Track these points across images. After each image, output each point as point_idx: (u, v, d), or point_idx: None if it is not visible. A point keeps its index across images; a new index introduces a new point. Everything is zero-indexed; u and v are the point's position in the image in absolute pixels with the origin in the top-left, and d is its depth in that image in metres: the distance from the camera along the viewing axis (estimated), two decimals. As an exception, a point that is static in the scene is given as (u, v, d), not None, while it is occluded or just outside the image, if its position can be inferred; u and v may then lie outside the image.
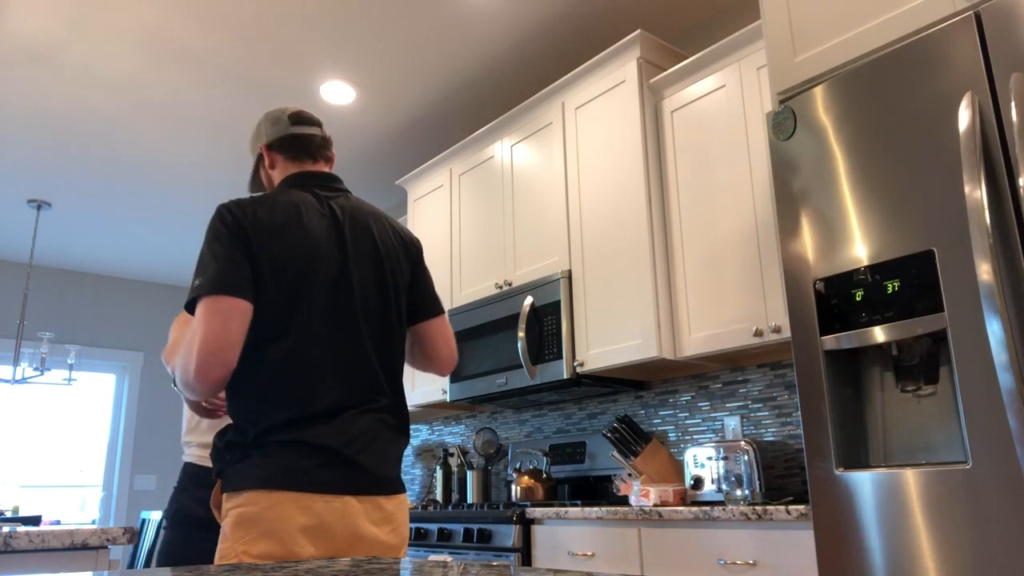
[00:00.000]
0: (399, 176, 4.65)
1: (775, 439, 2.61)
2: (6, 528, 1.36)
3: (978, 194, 1.45)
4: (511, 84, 3.67)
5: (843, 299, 1.70)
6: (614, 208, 2.86)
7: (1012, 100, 1.47)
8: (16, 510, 4.84)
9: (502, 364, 3.14)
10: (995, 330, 1.40)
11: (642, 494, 2.45)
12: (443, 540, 2.90)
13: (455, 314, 3.45)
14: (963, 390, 1.48)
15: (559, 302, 2.95)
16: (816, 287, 1.76)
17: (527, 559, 2.61)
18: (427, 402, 3.67)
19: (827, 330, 1.72)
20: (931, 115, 1.61)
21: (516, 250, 3.29)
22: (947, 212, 1.55)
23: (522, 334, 3.01)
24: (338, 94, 3.69)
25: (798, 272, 1.80)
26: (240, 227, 1.36)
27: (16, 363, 4.69)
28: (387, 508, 1.40)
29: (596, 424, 3.28)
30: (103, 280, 6.21)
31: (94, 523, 6.00)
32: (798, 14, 1.99)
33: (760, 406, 2.69)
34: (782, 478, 2.55)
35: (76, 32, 3.16)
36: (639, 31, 2.87)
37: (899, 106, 1.67)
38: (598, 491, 3.12)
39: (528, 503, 2.85)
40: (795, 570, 1.90)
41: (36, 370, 4.76)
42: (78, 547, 1.36)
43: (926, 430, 1.63)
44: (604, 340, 2.80)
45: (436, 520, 2.97)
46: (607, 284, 2.83)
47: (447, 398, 3.48)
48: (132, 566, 3.66)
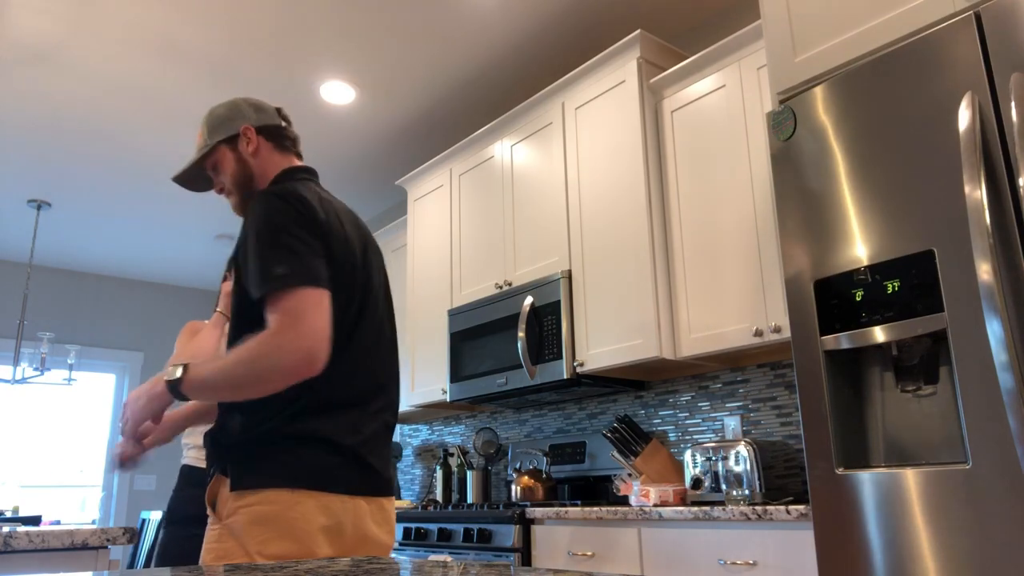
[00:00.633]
0: (399, 176, 4.65)
1: (775, 439, 2.61)
2: (6, 528, 1.36)
3: (978, 194, 1.45)
4: (511, 84, 3.67)
5: (843, 299, 1.70)
6: (614, 208, 2.86)
7: (1012, 100, 1.47)
8: (16, 510, 4.84)
9: (502, 364, 3.14)
10: (995, 330, 1.40)
11: (642, 494, 2.45)
12: (443, 540, 2.90)
13: (455, 314, 3.46)
14: (963, 390, 1.48)
15: (559, 302, 2.95)
16: (816, 287, 1.76)
17: (527, 559, 2.61)
18: (427, 402, 3.68)
19: (827, 330, 1.72)
20: (931, 115, 1.61)
21: (516, 250, 3.29)
22: (947, 212, 1.55)
23: (522, 334, 3.01)
24: (338, 94, 3.69)
25: (798, 272, 1.80)
26: (316, 221, 1.35)
27: (16, 363, 4.69)
28: (387, 509, 1.41)
29: (596, 424, 3.28)
30: (103, 280, 6.21)
31: (94, 523, 6.00)
32: (798, 14, 1.99)
33: (760, 406, 2.69)
34: (782, 478, 2.55)
35: (76, 32, 3.16)
36: (639, 31, 2.87)
37: (899, 106, 1.67)
38: (598, 491, 3.12)
39: (528, 503, 2.85)
40: (795, 570, 1.90)
41: (36, 370, 4.76)
42: (78, 547, 1.36)
43: (926, 430, 1.63)
44: (604, 340, 2.80)
45: (436, 520, 2.97)
46: (607, 284, 2.83)
47: (447, 398, 3.48)
48: (132, 566, 3.66)
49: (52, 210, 4.92)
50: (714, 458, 2.39)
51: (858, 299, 1.67)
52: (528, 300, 3.06)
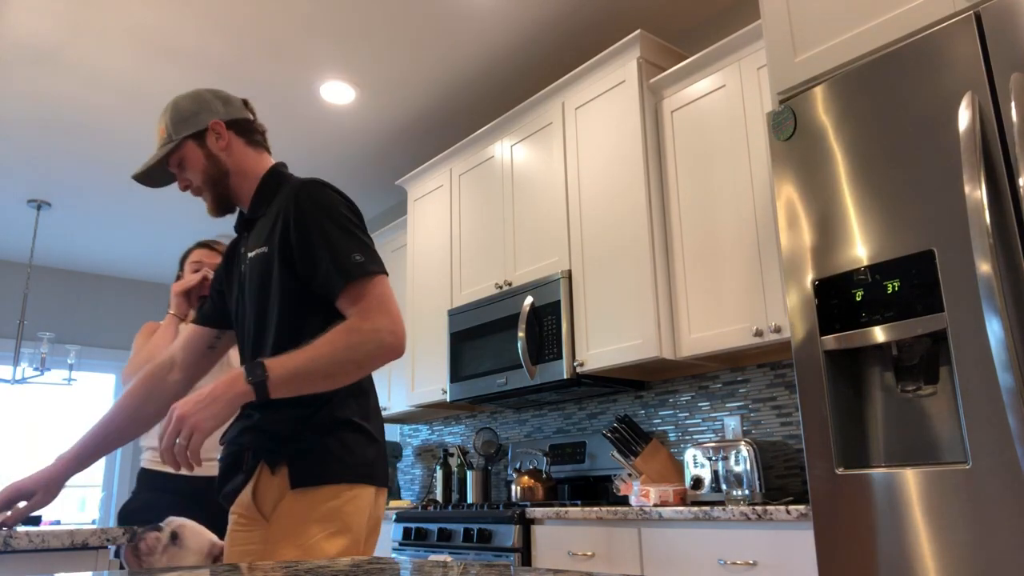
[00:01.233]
0: (399, 176, 4.65)
1: (775, 439, 2.61)
2: (6, 528, 1.36)
3: (978, 194, 1.45)
4: (511, 84, 3.67)
5: (843, 299, 1.70)
6: (614, 208, 2.86)
7: (1012, 100, 1.47)
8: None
9: (502, 364, 3.14)
10: (995, 330, 1.40)
11: (642, 494, 2.45)
12: (443, 540, 2.90)
13: (455, 314, 3.46)
14: (963, 390, 1.48)
15: (559, 302, 2.95)
16: (816, 287, 1.76)
17: (527, 559, 2.61)
18: (427, 402, 3.67)
19: (827, 330, 1.72)
20: (931, 115, 1.61)
21: (516, 250, 3.29)
22: (947, 212, 1.55)
23: (522, 334, 3.00)
24: (338, 94, 3.69)
25: (798, 272, 1.80)
26: (360, 216, 1.43)
27: (16, 363, 4.69)
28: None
29: (596, 424, 3.28)
30: (103, 280, 6.21)
31: (94, 523, 6.00)
32: (798, 14, 1.99)
33: (760, 406, 2.69)
34: (782, 478, 2.55)
35: (76, 32, 3.16)
36: (639, 31, 2.86)
37: (899, 106, 1.67)
38: (598, 491, 3.12)
39: (528, 503, 2.85)
40: (795, 570, 1.90)
41: (36, 370, 4.76)
42: (78, 547, 1.36)
43: (926, 430, 1.63)
44: (604, 340, 2.80)
45: (436, 520, 2.97)
46: (607, 284, 2.83)
47: (447, 398, 3.48)
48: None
49: (52, 210, 4.92)
50: (714, 458, 2.39)
51: (858, 299, 1.67)
52: (528, 300, 3.06)
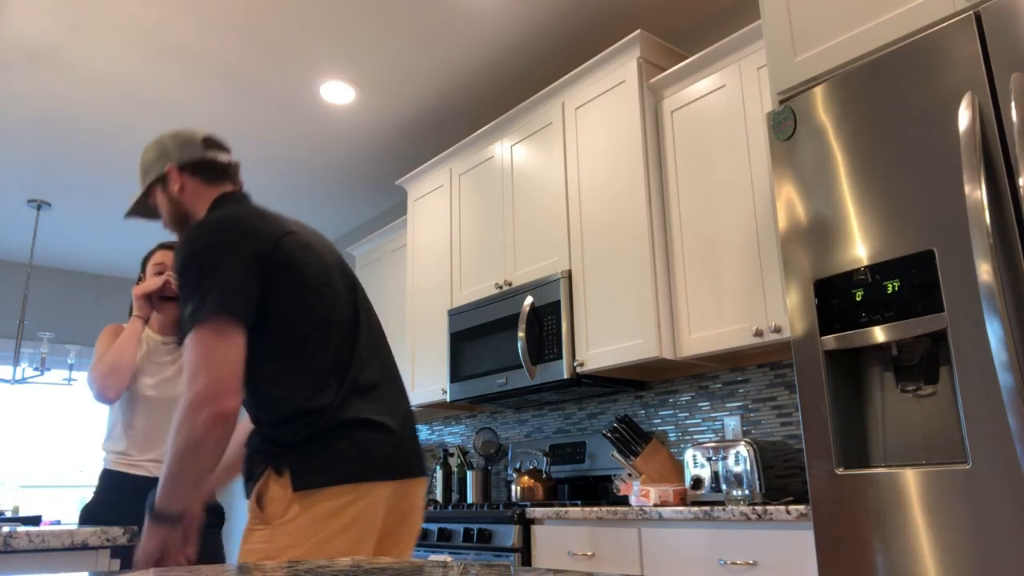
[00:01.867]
0: (399, 176, 4.65)
1: (775, 439, 2.61)
2: (6, 528, 1.36)
3: (978, 194, 1.45)
4: (511, 84, 3.67)
5: (843, 299, 1.70)
6: (614, 208, 2.86)
7: (1012, 100, 1.47)
8: (16, 510, 4.84)
9: (502, 364, 3.14)
10: (995, 330, 1.40)
11: (642, 494, 2.45)
12: (443, 540, 2.90)
13: (455, 314, 3.46)
14: (963, 390, 1.48)
15: (559, 302, 2.95)
16: (816, 287, 1.76)
17: (527, 559, 2.61)
18: (427, 402, 3.67)
19: (827, 330, 1.72)
20: (931, 115, 1.61)
21: (516, 250, 3.29)
22: (947, 212, 1.55)
23: (522, 334, 3.00)
24: (338, 94, 3.69)
25: (798, 272, 1.80)
26: (246, 238, 1.39)
27: (16, 363, 4.69)
28: (417, 488, 1.53)
29: (596, 424, 3.28)
30: (103, 280, 6.21)
31: (94, 523, 5.98)
32: (798, 14, 1.99)
33: (760, 406, 2.69)
34: (782, 478, 2.55)
35: (76, 32, 3.16)
36: (639, 31, 2.86)
37: (899, 106, 1.67)
38: (598, 491, 3.12)
39: (528, 503, 2.85)
40: (795, 570, 1.90)
41: (36, 370, 4.76)
42: (78, 547, 1.36)
43: (926, 430, 1.63)
44: (604, 340, 2.80)
45: (436, 520, 2.97)
46: (607, 284, 2.83)
47: (447, 398, 3.48)
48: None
49: (52, 210, 4.92)
50: (714, 458, 2.39)
51: (858, 299, 1.67)
52: (528, 300, 3.06)
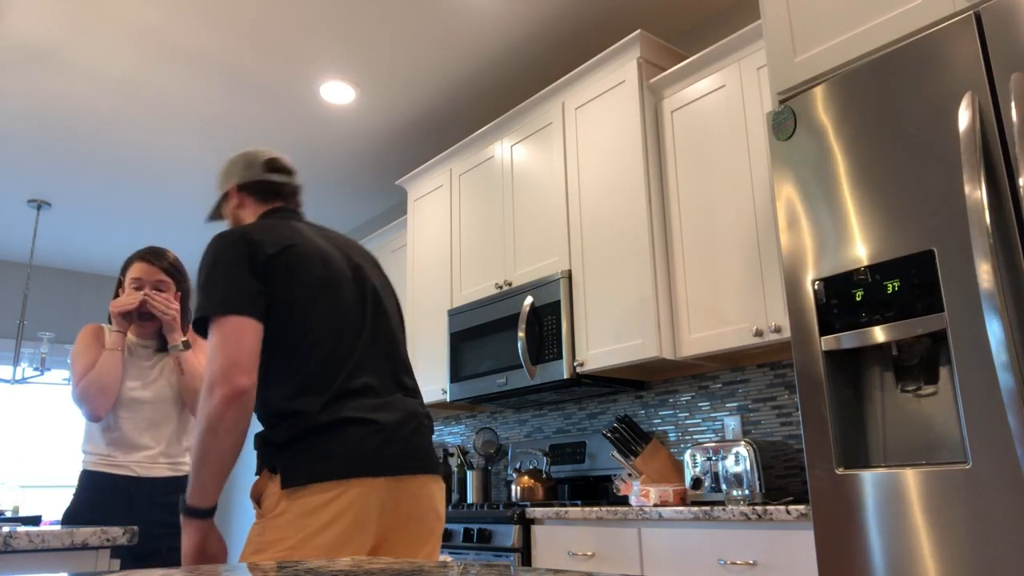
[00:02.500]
0: (399, 176, 4.65)
1: (775, 439, 2.61)
2: (6, 528, 1.36)
3: (978, 194, 1.45)
4: (511, 84, 3.67)
5: (843, 299, 1.70)
6: (614, 208, 2.86)
7: (1012, 100, 1.47)
8: (16, 510, 4.84)
9: (502, 364, 3.14)
10: (995, 330, 1.40)
11: (642, 494, 2.45)
12: (443, 540, 2.90)
13: (455, 314, 3.45)
14: (963, 390, 1.48)
15: (559, 302, 2.95)
16: (816, 287, 1.76)
17: (527, 559, 2.61)
18: (427, 402, 3.67)
19: (827, 330, 1.72)
20: (931, 115, 1.61)
21: (516, 250, 3.29)
22: (947, 212, 1.55)
23: (522, 334, 3.00)
24: (338, 94, 3.69)
25: (798, 272, 1.80)
26: (246, 249, 1.47)
27: (16, 363, 4.69)
28: (429, 486, 1.56)
29: (596, 424, 3.28)
30: (103, 280, 6.21)
31: (94, 523, 5.98)
32: (798, 14, 1.99)
33: (760, 406, 2.69)
34: (782, 478, 2.55)
35: (76, 32, 3.16)
36: (639, 31, 2.86)
37: (899, 106, 1.67)
38: (598, 491, 3.12)
39: (528, 503, 2.85)
40: (795, 570, 1.90)
41: (36, 370, 4.76)
42: (78, 547, 1.36)
43: (926, 430, 1.63)
44: (604, 340, 2.80)
45: (436, 520, 2.97)
46: (607, 284, 2.83)
47: (447, 398, 3.48)
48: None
49: (52, 210, 4.92)
50: (714, 458, 2.39)
51: (858, 299, 1.67)
52: (528, 300, 3.06)
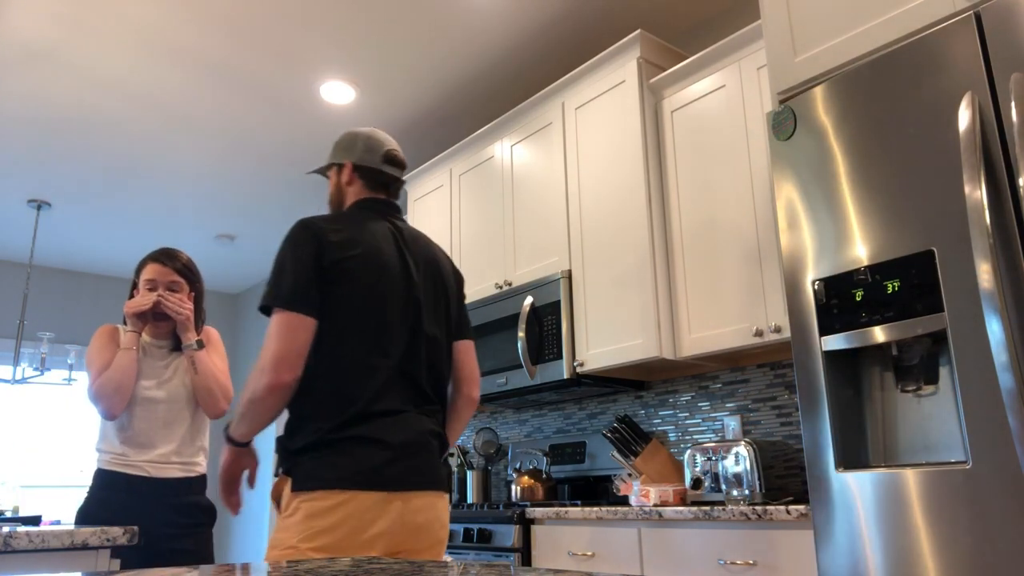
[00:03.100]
0: (399, 176, 4.65)
1: (775, 439, 2.61)
2: (6, 528, 1.36)
3: (978, 194, 1.45)
4: (511, 84, 3.67)
5: (843, 299, 1.70)
6: (614, 208, 2.86)
7: (1012, 100, 1.47)
8: (16, 510, 4.84)
9: (502, 364, 3.14)
10: (995, 330, 1.40)
11: (642, 494, 2.45)
12: (443, 540, 2.90)
13: (455, 314, 3.45)
14: (963, 390, 1.48)
15: (559, 302, 2.95)
16: (816, 287, 1.76)
17: (527, 559, 2.61)
18: (427, 402, 3.67)
19: (827, 330, 1.72)
20: (931, 115, 1.61)
21: (516, 250, 3.29)
22: (947, 212, 1.55)
23: (522, 334, 3.00)
24: (338, 94, 3.69)
25: (798, 272, 1.80)
26: (314, 245, 1.54)
27: (16, 363, 4.69)
28: (435, 503, 1.61)
29: (596, 424, 3.28)
30: (103, 280, 6.21)
31: (94, 523, 5.99)
32: (798, 14, 1.99)
33: (760, 406, 2.69)
34: (782, 478, 2.55)
35: (76, 32, 3.16)
36: (639, 31, 2.87)
37: (899, 106, 1.67)
38: (598, 491, 3.12)
39: (528, 503, 2.85)
40: (795, 570, 1.90)
41: (36, 370, 4.76)
42: (78, 547, 1.36)
43: (926, 430, 1.63)
44: (604, 340, 2.80)
45: (436, 520, 2.97)
46: (607, 284, 2.83)
47: (447, 398, 3.47)
48: (132, 566, 3.65)
49: (52, 210, 4.92)
50: (714, 458, 2.39)
51: (858, 299, 1.67)
52: (528, 300, 3.06)
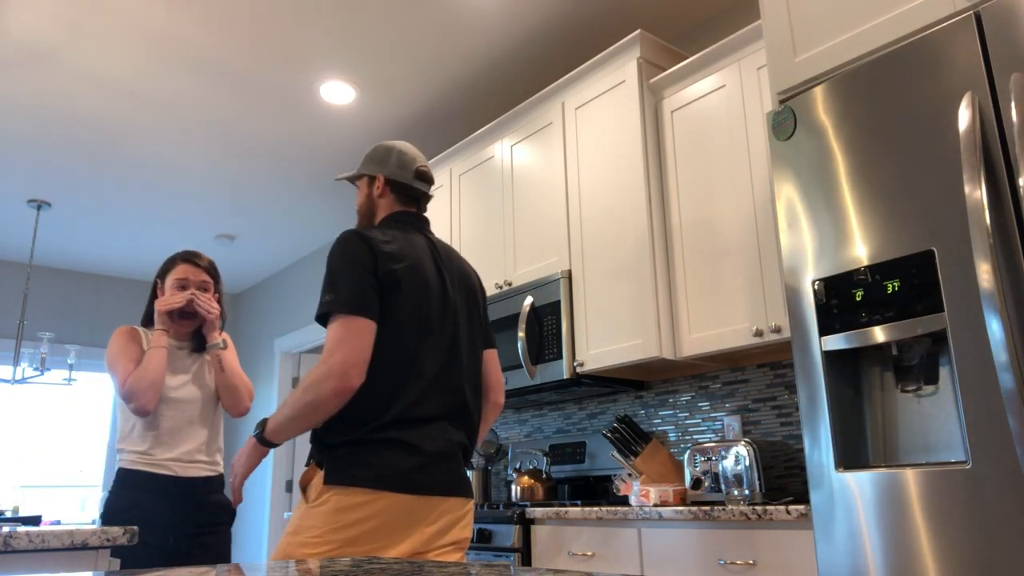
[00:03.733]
0: (399, 176, 4.64)
1: (775, 439, 2.61)
2: (6, 528, 1.36)
3: (978, 194, 1.45)
4: (511, 84, 3.67)
5: (843, 299, 1.70)
6: (614, 208, 2.86)
7: (1012, 100, 1.47)
8: (16, 510, 4.84)
9: (502, 364, 3.14)
10: (995, 330, 1.40)
11: (642, 494, 2.45)
12: (443, 540, 2.90)
13: (455, 314, 3.45)
14: (963, 390, 1.48)
15: (559, 302, 2.95)
16: (816, 287, 1.76)
17: (527, 559, 2.61)
18: (427, 402, 3.67)
19: (827, 330, 1.72)
20: (931, 115, 1.61)
21: (516, 250, 3.29)
22: (947, 212, 1.55)
23: (522, 334, 3.00)
24: (338, 94, 3.69)
25: (798, 272, 1.80)
26: (366, 255, 1.58)
27: (16, 363, 4.69)
28: (461, 507, 1.66)
29: (596, 424, 3.28)
30: (103, 280, 6.21)
31: (94, 523, 6.00)
32: (798, 14, 1.99)
33: (760, 406, 2.69)
34: (782, 478, 2.55)
35: (76, 32, 3.16)
36: (639, 31, 2.86)
37: (899, 106, 1.67)
38: (598, 491, 3.12)
39: (528, 503, 2.85)
40: (795, 570, 1.90)
41: (36, 370, 4.76)
42: (78, 547, 1.36)
43: (926, 430, 1.63)
44: (604, 340, 2.80)
45: (436, 520, 2.97)
46: (607, 284, 2.83)
47: (447, 398, 3.47)
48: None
49: (52, 210, 4.92)
50: (714, 458, 2.39)
51: (858, 299, 1.67)
52: (528, 300, 3.06)
